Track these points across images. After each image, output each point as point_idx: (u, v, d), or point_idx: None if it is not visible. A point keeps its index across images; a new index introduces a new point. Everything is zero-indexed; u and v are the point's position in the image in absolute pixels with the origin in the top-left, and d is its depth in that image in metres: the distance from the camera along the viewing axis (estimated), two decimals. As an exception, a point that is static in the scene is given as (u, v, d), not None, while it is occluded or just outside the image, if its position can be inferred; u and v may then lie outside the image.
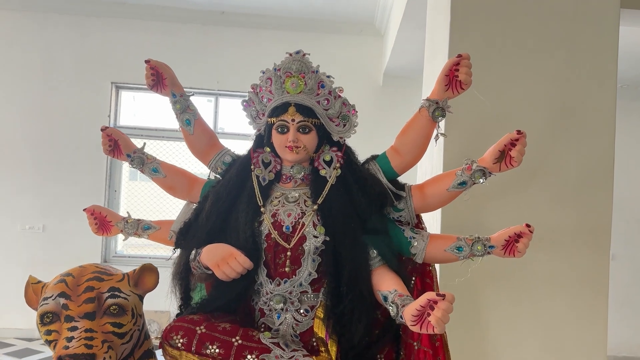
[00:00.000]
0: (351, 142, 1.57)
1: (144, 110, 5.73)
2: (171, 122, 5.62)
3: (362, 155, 1.57)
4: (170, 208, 5.22)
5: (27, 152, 5.34)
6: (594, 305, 2.08)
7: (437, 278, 1.54)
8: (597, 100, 2.09)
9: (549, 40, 2.10)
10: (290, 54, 1.44)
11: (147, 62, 1.48)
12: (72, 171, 5.36)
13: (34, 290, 1.40)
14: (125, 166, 5.59)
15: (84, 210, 1.64)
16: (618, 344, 5.48)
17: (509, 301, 2.08)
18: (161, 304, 1.64)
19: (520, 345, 2.07)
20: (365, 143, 1.60)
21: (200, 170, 2.77)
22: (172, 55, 5.34)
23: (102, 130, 1.56)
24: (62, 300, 1.30)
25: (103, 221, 1.60)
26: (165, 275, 1.51)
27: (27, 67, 5.35)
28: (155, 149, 5.59)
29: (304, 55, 1.44)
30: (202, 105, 5.59)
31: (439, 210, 2.05)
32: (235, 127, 5.52)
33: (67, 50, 5.38)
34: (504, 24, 2.11)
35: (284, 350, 1.29)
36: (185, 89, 1.59)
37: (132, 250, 5.67)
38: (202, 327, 1.30)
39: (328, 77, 1.46)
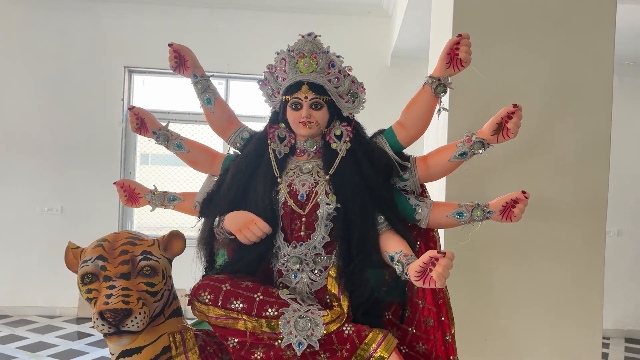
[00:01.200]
0: (360, 119, 1.68)
1: (154, 94, 5.85)
2: (182, 105, 5.73)
3: (370, 133, 1.67)
4: (180, 189, 5.36)
5: (44, 136, 5.49)
6: (591, 271, 2.20)
7: (440, 242, 1.66)
8: (594, 77, 2.17)
9: (548, 20, 2.18)
10: (303, 36, 1.55)
11: (170, 45, 1.59)
12: (88, 154, 5.52)
13: (73, 255, 1.52)
14: (139, 149, 5.72)
15: (114, 183, 1.77)
16: (624, 317, 5.63)
17: (511, 267, 2.20)
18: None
19: (520, 308, 2.20)
20: (373, 122, 1.70)
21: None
22: (183, 39, 5.32)
23: (129, 109, 1.66)
24: (100, 263, 1.44)
25: (132, 193, 1.73)
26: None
27: (43, 52, 5.48)
28: (168, 131, 5.72)
29: (316, 37, 1.55)
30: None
31: (444, 182, 2.16)
32: (246, 109, 5.62)
33: (81, 35, 5.50)
34: (505, 6, 2.19)
35: (300, 304, 1.42)
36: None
37: (148, 232, 5.83)
38: (227, 284, 1.43)
39: (338, 57, 1.57)
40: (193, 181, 5.35)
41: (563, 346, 2.20)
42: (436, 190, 2.23)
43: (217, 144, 4.34)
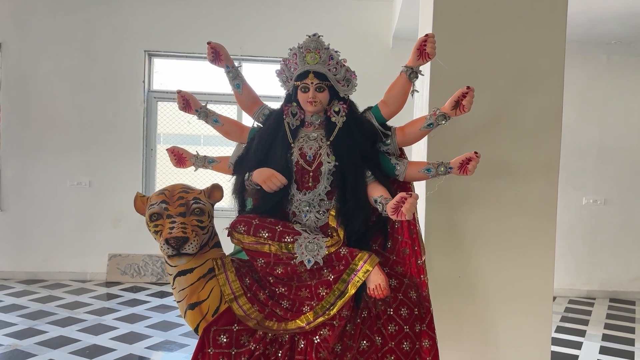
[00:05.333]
0: (364, 97, 2.14)
1: (161, 75, 6.23)
2: (194, 85, 5.99)
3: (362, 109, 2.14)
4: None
5: (73, 116, 5.85)
6: (545, 222, 2.63)
7: (414, 193, 2.14)
8: (548, 62, 2.58)
9: (511, 14, 2.58)
10: (309, 36, 2.02)
11: (208, 43, 2.06)
12: (113, 132, 5.86)
13: (141, 202, 2.03)
14: (160, 124, 6.10)
15: (166, 150, 2.25)
16: (609, 280, 5.99)
17: (480, 218, 2.62)
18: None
19: (487, 251, 2.62)
20: (376, 99, 2.11)
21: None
22: (199, 24, 5.76)
23: (177, 92, 2.13)
24: (164, 205, 1.95)
25: (180, 157, 2.20)
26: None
27: (70, 39, 5.82)
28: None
29: (319, 36, 2.02)
30: (227, 69, 6.10)
31: (426, 150, 2.63)
32: (258, 89, 6.02)
33: (104, 22, 5.81)
34: (476, 3, 2.60)
35: (309, 234, 1.93)
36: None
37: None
38: (256, 220, 1.94)
39: (336, 52, 2.04)
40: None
41: (523, 283, 2.64)
42: (422, 158, 2.70)
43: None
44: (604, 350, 4.35)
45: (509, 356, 2.63)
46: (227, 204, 2.11)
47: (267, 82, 5.94)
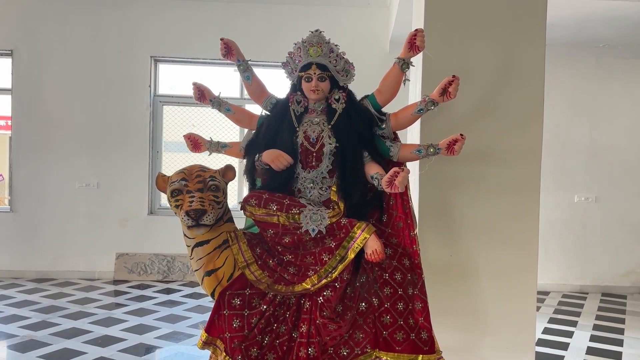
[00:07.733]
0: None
1: (163, 80, 6.41)
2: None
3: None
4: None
5: (82, 119, 6.03)
6: (529, 204, 2.84)
7: (406, 167, 2.35)
8: (530, 58, 2.81)
9: (496, 14, 2.81)
10: (312, 32, 2.25)
11: (221, 39, 2.29)
12: (120, 135, 6.04)
13: (162, 180, 2.25)
14: (165, 130, 6.31)
15: (183, 136, 2.46)
16: (601, 274, 6.17)
17: (470, 201, 2.83)
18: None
19: (476, 232, 2.83)
20: None
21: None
22: (203, 31, 5.97)
23: (193, 84, 2.36)
24: (184, 182, 2.18)
25: (195, 142, 2.39)
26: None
27: (79, 44, 6.02)
28: (187, 113, 6.35)
29: (321, 32, 2.26)
30: (230, 74, 6.25)
31: (419, 140, 2.84)
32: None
33: (112, 28, 6.01)
34: (464, 4, 2.82)
35: (313, 206, 2.15)
36: (213, 59, 2.32)
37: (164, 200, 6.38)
38: (266, 195, 2.16)
39: (336, 45, 2.27)
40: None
41: (509, 259, 2.84)
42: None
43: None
44: (594, 339, 4.52)
45: (497, 325, 2.84)
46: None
47: (268, 85, 6.22)
